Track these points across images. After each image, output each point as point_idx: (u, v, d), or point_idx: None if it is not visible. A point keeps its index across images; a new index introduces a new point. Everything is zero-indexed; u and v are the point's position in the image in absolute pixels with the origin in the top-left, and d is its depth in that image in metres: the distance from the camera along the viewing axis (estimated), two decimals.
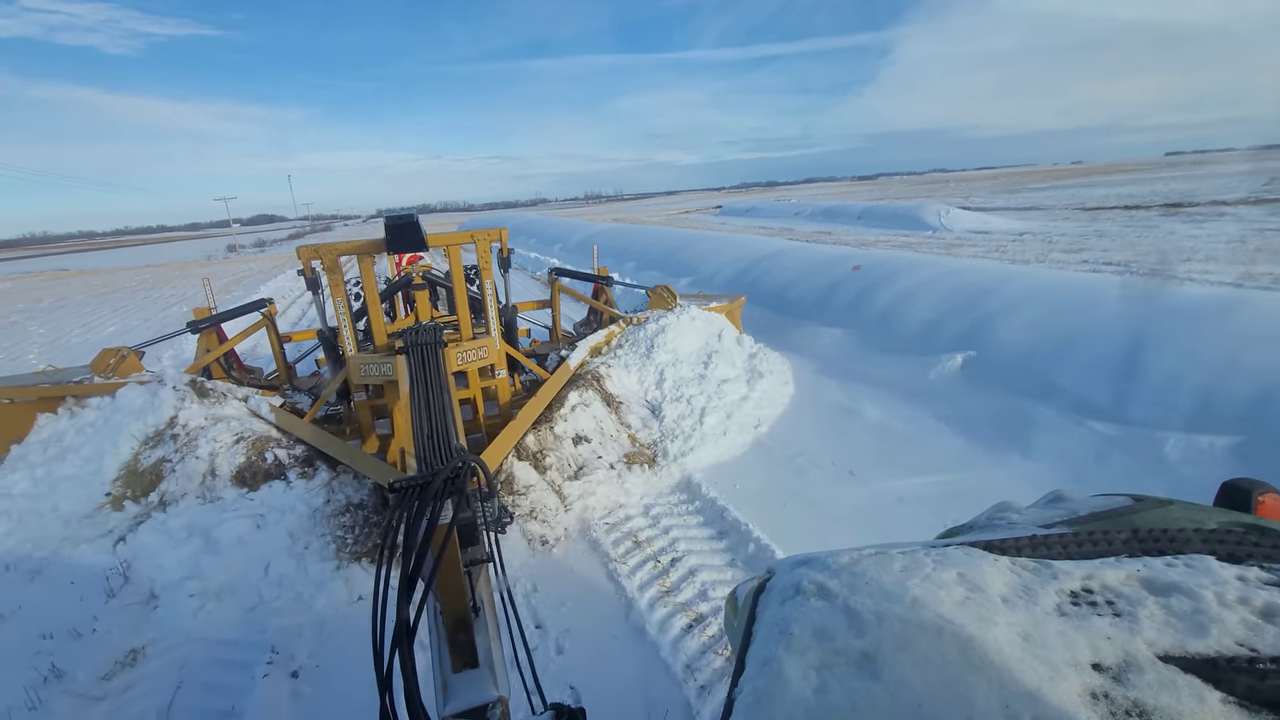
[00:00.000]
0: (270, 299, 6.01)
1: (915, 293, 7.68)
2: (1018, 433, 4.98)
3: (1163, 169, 68.49)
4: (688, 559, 3.71)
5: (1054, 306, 6.29)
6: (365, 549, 3.71)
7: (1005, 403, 5.38)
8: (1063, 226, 21.09)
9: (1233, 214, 20.44)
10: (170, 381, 4.57)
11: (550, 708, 1.21)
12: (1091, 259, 13.90)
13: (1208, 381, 4.56)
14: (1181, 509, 0.88)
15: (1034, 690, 0.56)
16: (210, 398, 4.56)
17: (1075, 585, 0.69)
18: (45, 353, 12.02)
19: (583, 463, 4.45)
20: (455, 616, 1.78)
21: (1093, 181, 50.67)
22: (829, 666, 0.65)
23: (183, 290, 21.34)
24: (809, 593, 0.76)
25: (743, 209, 41.40)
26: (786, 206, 37.24)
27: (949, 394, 5.90)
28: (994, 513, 1.07)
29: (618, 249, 17.66)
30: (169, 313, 16.14)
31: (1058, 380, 5.33)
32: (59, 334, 14.53)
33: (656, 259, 15.27)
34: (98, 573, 3.61)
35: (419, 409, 2.75)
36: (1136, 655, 0.59)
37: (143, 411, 4.36)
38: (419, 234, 4.26)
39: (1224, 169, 51.47)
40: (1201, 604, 0.63)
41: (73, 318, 16.92)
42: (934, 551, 0.79)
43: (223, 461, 4.08)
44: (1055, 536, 0.82)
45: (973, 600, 0.68)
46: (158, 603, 3.41)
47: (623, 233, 21.59)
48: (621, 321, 6.02)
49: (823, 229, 26.61)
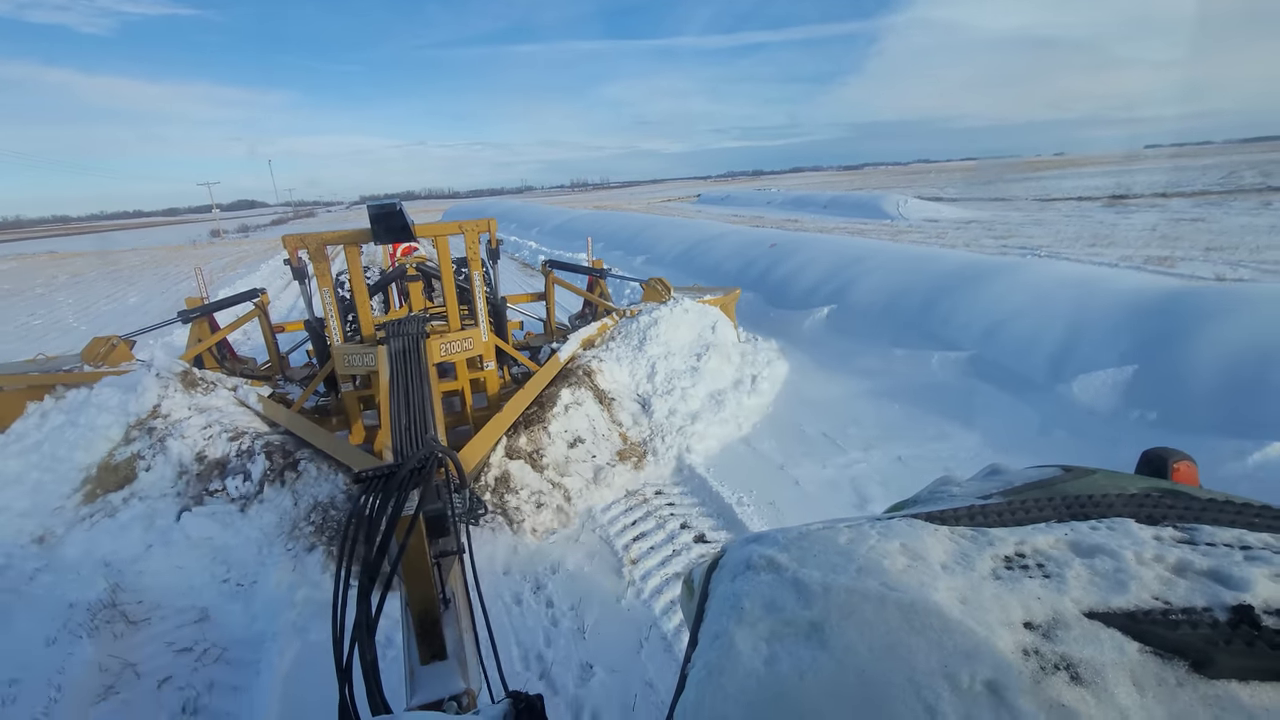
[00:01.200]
0: (263, 289, 5.94)
1: (809, 264, 9.82)
2: (851, 361, 7.02)
3: (1137, 161, 70.46)
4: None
5: (904, 273, 8.37)
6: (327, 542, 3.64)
7: (852, 344, 7.43)
8: (1009, 216, 22.64)
9: (1163, 205, 22.18)
10: (156, 368, 4.52)
11: (509, 695, 1.20)
12: (1012, 244, 15.54)
13: (966, 320, 6.81)
14: (1106, 476, 0.95)
15: (971, 650, 0.59)
16: (198, 388, 4.55)
17: (1009, 550, 0.73)
18: (81, 317, 14.08)
19: (576, 461, 4.48)
20: (423, 608, 1.75)
21: (1065, 174, 52.01)
22: (779, 638, 0.66)
23: (185, 268, 22.58)
24: (759, 567, 0.78)
25: (720, 197, 42.94)
26: (760, 195, 38.48)
27: (816, 339, 7.82)
28: (936, 486, 1.13)
29: (589, 231, 19.43)
30: (180, 287, 17.73)
31: (884, 325, 7.53)
32: (88, 303, 16.14)
33: (622, 240, 17.64)
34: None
35: (398, 400, 2.74)
36: (1064, 613, 0.62)
37: (123, 403, 4.30)
38: (404, 223, 4.19)
39: (1194, 162, 53.35)
40: (1122, 563, 0.67)
41: (93, 290, 18.60)
42: (878, 524, 0.81)
43: (197, 454, 4.04)
44: (991, 506, 0.86)
45: (914, 568, 0.70)
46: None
47: (597, 218, 23.48)
48: (615, 314, 6.04)
49: (790, 217, 28.00)
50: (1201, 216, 18.62)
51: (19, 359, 5.21)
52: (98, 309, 15.06)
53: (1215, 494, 0.86)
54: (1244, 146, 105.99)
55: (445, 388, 4.79)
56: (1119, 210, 22.11)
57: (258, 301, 5.81)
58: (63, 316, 14.34)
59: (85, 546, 3.67)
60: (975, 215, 23.45)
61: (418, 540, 1.71)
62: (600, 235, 18.93)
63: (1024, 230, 18.37)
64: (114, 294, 17.57)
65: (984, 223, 20.99)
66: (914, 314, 7.39)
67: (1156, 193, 27.25)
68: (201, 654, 3.08)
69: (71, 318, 14.07)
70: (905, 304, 7.64)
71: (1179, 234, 15.47)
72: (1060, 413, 5.13)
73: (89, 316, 14.06)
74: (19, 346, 10.89)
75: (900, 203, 25.59)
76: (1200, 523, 0.75)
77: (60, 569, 3.57)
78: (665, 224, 17.85)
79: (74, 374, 4.56)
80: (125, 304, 15.58)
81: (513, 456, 4.27)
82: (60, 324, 13.41)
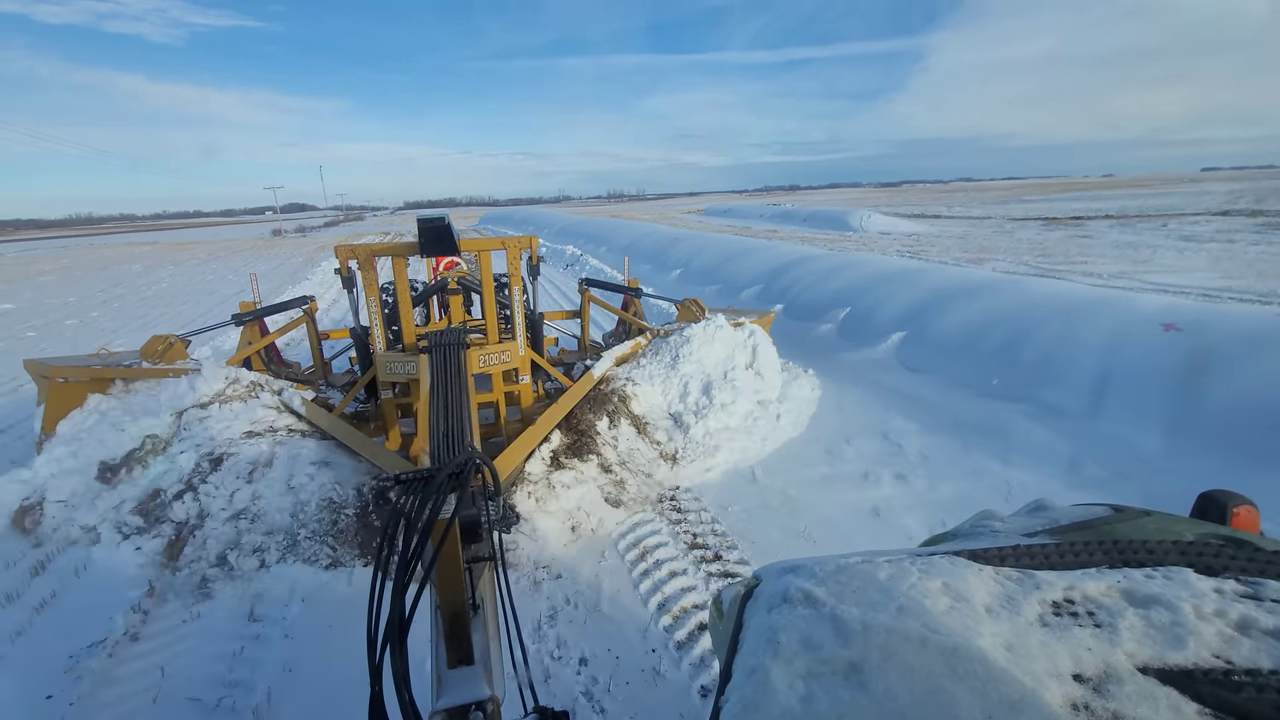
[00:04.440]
0: (312, 296, 6.19)
1: (743, 257, 13.15)
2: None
3: (1176, 184, 69.44)
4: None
5: (802, 267, 10.94)
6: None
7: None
8: (952, 230, 25.83)
9: (1121, 227, 23.59)
10: (207, 374, 4.70)
11: (536, 709, 1.19)
12: (924, 254, 17.77)
13: (835, 301, 8.94)
14: (1159, 520, 0.90)
15: (1017, 700, 0.56)
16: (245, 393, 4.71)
17: (1057, 596, 0.70)
18: (237, 276, 19.99)
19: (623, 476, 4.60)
20: (453, 612, 1.76)
21: (1090, 195, 53.65)
22: (816, 676, 0.65)
23: (267, 259, 26.98)
24: (796, 601, 0.76)
25: (722, 210, 47.68)
26: (756, 209, 42.61)
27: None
28: (977, 520, 1.08)
29: (592, 234, 24.52)
30: (290, 261, 23.86)
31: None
32: (236, 267, 23.24)
33: (619, 245, 20.64)
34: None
35: (437, 407, 2.79)
36: (1116, 666, 0.60)
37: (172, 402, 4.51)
38: (451, 237, 4.35)
39: (1219, 187, 54.01)
40: (1180, 616, 0.64)
41: (202, 271, 23.04)
42: (919, 560, 0.79)
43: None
44: (1038, 547, 0.82)
45: (957, 610, 0.68)
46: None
47: (601, 224, 27.50)
48: (649, 333, 6.06)
49: (771, 228, 31.68)
50: (1090, 234, 21.19)
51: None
52: (259, 267, 22.70)
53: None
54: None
55: (480, 399, 4.87)
56: (1050, 228, 24.64)
57: (307, 308, 6.04)
58: (217, 284, 18.89)
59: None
60: (924, 230, 26.37)
61: (452, 544, 1.73)
62: (600, 239, 22.50)
63: (945, 243, 21.14)
64: (249, 265, 23.49)
65: (923, 236, 23.89)
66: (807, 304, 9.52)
67: (1110, 215, 29.29)
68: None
69: (232, 276, 20.33)
70: (780, 285, 10.54)
71: (1055, 249, 18.08)
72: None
73: (241, 280, 19.45)
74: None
75: (864, 217, 28.86)
76: (1265, 576, 0.70)
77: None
78: (654, 231, 20.78)
79: (133, 369, 4.78)
80: (260, 271, 21.41)
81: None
82: (227, 279, 19.41)
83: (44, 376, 4.65)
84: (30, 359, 4.94)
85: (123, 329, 12.50)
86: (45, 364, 4.72)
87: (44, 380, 4.67)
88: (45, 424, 4.51)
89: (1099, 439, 4.83)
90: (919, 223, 29.74)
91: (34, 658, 3.03)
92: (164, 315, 14.12)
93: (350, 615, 3.28)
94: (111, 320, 13.79)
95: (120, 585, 3.50)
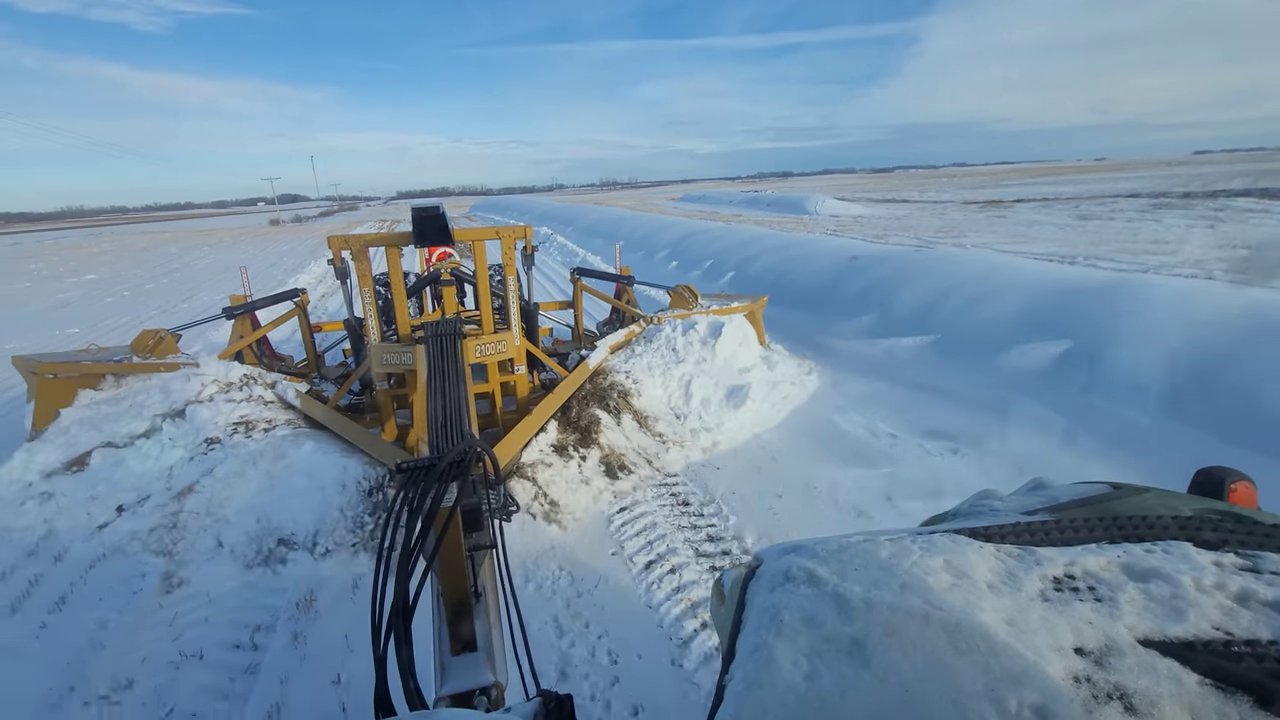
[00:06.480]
0: (304, 289, 6.13)
1: (697, 235, 15.24)
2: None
3: (1163, 167, 70.13)
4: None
5: (738, 245, 13.17)
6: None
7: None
8: (897, 213, 27.02)
9: (1041, 209, 24.30)
10: (204, 367, 4.67)
11: (539, 694, 1.20)
12: (842, 233, 18.91)
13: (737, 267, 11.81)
14: (1158, 496, 0.90)
15: (1019, 674, 0.57)
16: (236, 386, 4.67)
17: (1058, 571, 0.71)
18: (263, 255, 22.39)
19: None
20: (456, 600, 1.78)
21: (1068, 179, 54.14)
22: (819, 653, 0.65)
23: (271, 247, 27.80)
24: (798, 579, 0.77)
25: (697, 196, 50.64)
26: (728, 195, 45.00)
27: (670, 276, 11.90)
28: (977, 500, 1.08)
29: (565, 217, 27.28)
30: (307, 244, 25.96)
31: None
32: (262, 246, 26.37)
33: (586, 226, 23.40)
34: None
35: (434, 397, 2.78)
36: (1117, 639, 0.60)
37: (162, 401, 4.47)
38: (446, 226, 4.32)
39: (1216, 169, 54.05)
40: (1179, 589, 0.64)
41: (233, 252, 25.16)
42: (920, 538, 0.80)
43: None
44: (1038, 524, 0.83)
45: (959, 586, 0.69)
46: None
47: (576, 209, 30.47)
48: (642, 321, 6.04)
49: (736, 212, 33.50)
50: (1004, 215, 22.47)
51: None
52: (275, 249, 25.19)
53: (1279, 518, 0.81)
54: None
55: (476, 389, 4.86)
56: (980, 210, 25.81)
57: (298, 301, 5.99)
58: (254, 254, 21.91)
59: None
60: (870, 213, 27.96)
61: (454, 532, 1.73)
62: (575, 222, 24.97)
63: (875, 222, 22.82)
64: (272, 246, 26.51)
65: (866, 219, 25.15)
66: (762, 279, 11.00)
67: (1047, 199, 30.23)
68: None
69: (260, 255, 22.48)
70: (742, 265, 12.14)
71: (959, 227, 19.32)
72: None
73: (270, 255, 21.96)
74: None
75: (819, 202, 30.79)
76: (1264, 550, 0.71)
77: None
78: (622, 216, 23.34)
79: (123, 364, 4.73)
80: (279, 251, 23.98)
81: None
82: (260, 256, 21.89)
83: (32, 373, 4.58)
84: (18, 355, 4.83)
85: (200, 287, 14.24)
86: (33, 360, 4.61)
87: (33, 376, 4.59)
88: (35, 420, 4.44)
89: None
90: (873, 207, 31.54)
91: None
92: (224, 280, 15.45)
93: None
94: (182, 285, 15.16)
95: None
